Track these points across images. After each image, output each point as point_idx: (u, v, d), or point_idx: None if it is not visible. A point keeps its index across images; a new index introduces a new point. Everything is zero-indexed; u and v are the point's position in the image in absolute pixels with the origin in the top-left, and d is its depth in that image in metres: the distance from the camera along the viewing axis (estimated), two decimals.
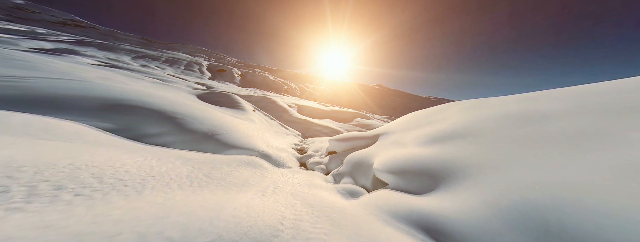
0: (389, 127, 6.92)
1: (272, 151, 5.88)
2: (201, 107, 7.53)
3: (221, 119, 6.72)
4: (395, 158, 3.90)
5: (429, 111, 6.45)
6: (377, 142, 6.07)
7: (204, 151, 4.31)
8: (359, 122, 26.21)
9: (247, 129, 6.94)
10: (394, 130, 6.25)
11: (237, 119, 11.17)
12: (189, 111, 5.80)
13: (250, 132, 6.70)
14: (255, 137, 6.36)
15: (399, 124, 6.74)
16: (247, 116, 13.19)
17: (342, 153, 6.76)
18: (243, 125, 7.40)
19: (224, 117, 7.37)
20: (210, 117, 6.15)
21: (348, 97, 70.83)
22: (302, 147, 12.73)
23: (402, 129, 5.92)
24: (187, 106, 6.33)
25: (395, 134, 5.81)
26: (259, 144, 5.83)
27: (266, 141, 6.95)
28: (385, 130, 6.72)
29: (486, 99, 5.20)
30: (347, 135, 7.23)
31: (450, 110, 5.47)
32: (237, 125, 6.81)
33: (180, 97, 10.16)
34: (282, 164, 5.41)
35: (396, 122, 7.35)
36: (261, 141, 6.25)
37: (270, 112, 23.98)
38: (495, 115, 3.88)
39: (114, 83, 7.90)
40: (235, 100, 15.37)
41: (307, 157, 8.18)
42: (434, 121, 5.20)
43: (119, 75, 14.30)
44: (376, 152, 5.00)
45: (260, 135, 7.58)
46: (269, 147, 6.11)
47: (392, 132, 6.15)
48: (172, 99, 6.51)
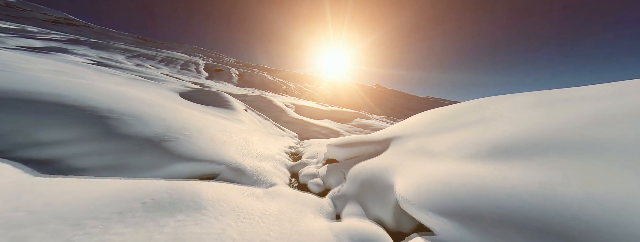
0: (401, 129, 5.37)
1: (250, 161, 4.29)
2: (165, 105, 5.93)
3: (187, 119, 5.12)
4: (437, 180, 2.37)
5: (459, 108, 4.89)
6: (390, 149, 4.55)
7: (129, 167, 2.75)
8: (359, 123, 24.68)
9: (222, 132, 5.34)
10: (411, 132, 4.72)
11: (221, 119, 9.54)
12: (137, 109, 4.20)
13: (224, 136, 5.10)
14: (230, 143, 4.77)
15: (415, 124, 5.20)
16: (236, 116, 11.57)
17: (344, 162, 5.21)
18: (217, 127, 5.81)
19: (194, 116, 5.76)
20: (167, 117, 4.55)
21: (347, 97, 69.43)
22: (297, 151, 11.13)
23: (425, 132, 4.37)
24: (140, 103, 4.73)
25: (416, 138, 4.28)
26: (230, 152, 4.22)
27: (247, 147, 5.36)
28: (398, 132, 5.17)
29: (557, 92, 3.63)
30: (349, 139, 5.66)
31: (500, 106, 3.88)
32: (208, 127, 5.22)
33: (151, 95, 8.52)
34: (261, 180, 3.84)
35: (410, 122, 5.82)
36: (236, 148, 4.64)
37: (266, 112, 22.35)
38: (591, 116, 2.35)
39: (58, 76, 6.28)
40: (224, 99, 13.74)
41: (301, 165, 6.60)
42: (475, 121, 3.67)
43: (90, 70, 12.62)
44: (393, 164, 3.48)
45: (242, 139, 5.99)
46: (246, 156, 4.52)
47: (409, 135, 4.63)
48: (123, 95, 4.92)
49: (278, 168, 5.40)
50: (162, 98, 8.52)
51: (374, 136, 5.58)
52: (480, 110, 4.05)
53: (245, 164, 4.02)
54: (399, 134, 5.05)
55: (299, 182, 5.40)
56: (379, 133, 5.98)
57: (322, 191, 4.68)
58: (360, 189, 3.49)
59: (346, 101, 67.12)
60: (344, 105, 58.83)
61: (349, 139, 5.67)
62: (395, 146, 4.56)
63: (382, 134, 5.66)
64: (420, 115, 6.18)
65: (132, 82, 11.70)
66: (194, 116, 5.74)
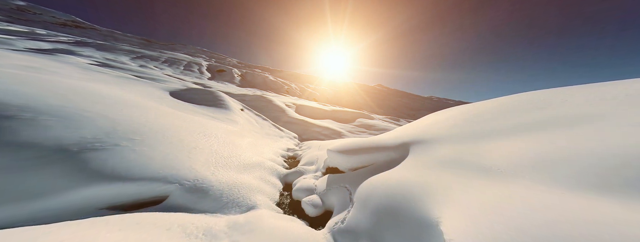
0: (420, 130, 4.14)
1: (223, 174, 3.10)
2: (132, 103, 4.79)
3: (151, 119, 3.96)
4: (519, 225, 1.22)
5: (510, 103, 3.57)
6: (411, 158, 3.34)
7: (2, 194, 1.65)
8: (362, 123, 23.41)
9: (198, 134, 4.16)
10: (438, 136, 3.50)
11: (210, 119, 8.41)
12: (76, 106, 3.07)
13: (198, 140, 3.90)
14: (201, 150, 3.58)
15: (440, 125, 3.96)
16: (229, 116, 10.45)
17: (348, 174, 4.01)
18: (195, 128, 4.65)
19: (167, 116, 4.57)
20: (119, 117, 3.40)
21: (348, 97, 68.13)
22: (296, 154, 9.93)
23: (461, 135, 3.14)
24: (86, 100, 3.60)
25: (449, 143, 3.06)
26: (196, 162, 3.03)
27: (228, 153, 4.17)
28: (417, 135, 3.95)
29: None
30: (355, 144, 4.45)
31: (583, 99, 2.56)
32: (181, 128, 4.04)
33: (126, 92, 7.41)
34: (234, 201, 2.66)
35: (429, 122, 4.58)
36: (209, 156, 3.45)
37: (266, 112, 21.23)
38: None
39: (20, 70, 5.22)
40: (218, 98, 12.64)
41: (296, 174, 5.40)
42: (550, 121, 2.41)
43: (75, 68, 11.64)
44: (424, 183, 2.28)
45: (225, 143, 4.81)
46: (221, 167, 3.33)
47: (436, 139, 3.41)
48: (74, 91, 3.82)
49: (266, 179, 4.21)
50: (142, 96, 7.43)
51: (385, 140, 4.35)
52: (553, 105, 2.77)
53: (212, 180, 2.83)
54: (418, 137, 3.82)
55: (292, 198, 4.21)
56: (390, 136, 4.75)
57: (321, 214, 3.48)
58: (375, 220, 2.30)
59: (347, 101, 65.90)
60: (345, 105, 57.61)
61: (355, 143, 4.45)
62: (417, 153, 3.34)
63: (395, 137, 4.43)
64: (443, 113, 4.92)
65: (118, 80, 10.68)
66: (165, 116, 4.60)
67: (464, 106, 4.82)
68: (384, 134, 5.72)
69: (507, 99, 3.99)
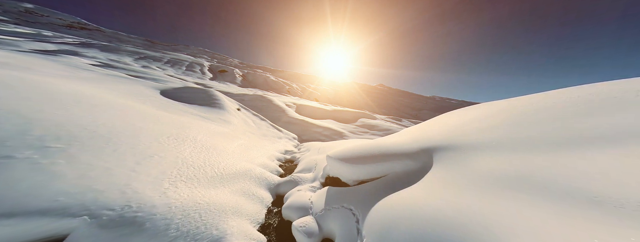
0: (445, 133, 3.20)
1: (176, 196, 2.15)
2: (95, 99, 3.92)
3: (98, 120, 3.06)
4: None
5: (568, 98, 2.63)
6: (438, 170, 2.42)
7: None
8: (364, 123, 22.43)
9: (157, 139, 3.19)
10: (474, 140, 2.55)
11: (197, 119, 7.54)
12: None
13: (153, 148, 2.90)
14: (155, 161, 2.60)
15: (472, 126, 3.01)
16: (222, 116, 9.59)
17: (354, 188, 3.09)
18: (167, 131, 3.75)
19: (122, 118, 3.62)
20: (41, 116, 2.51)
21: (348, 97, 67.09)
22: (293, 157, 9.02)
23: (516, 141, 2.19)
24: (25, 94, 2.75)
25: (497, 152, 2.13)
26: (137, 180, 2.05)
27: (202, 161, 3.26)
28: (442, 140, 3.00)
29: None
30: (360, 150, 3.52)
31: None
32: (136, 132, 3.10)
33: (107, 91, 6.57)
34: (187, 235, 1.79)
35: (452, 122, 3.63)
36: (165, 169, 2.51)
37: (265, 112, 20.38)
38: None
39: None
40: (212, 97, 11.80)
41: (290, 184, 4.49)
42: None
43: (56, 64, 10.89)
44: (493, 219, 1.40)
45: (202, 148, 3.90)
46: (182, 181, 2.41)
47: (471, 144, 2.47)
48: (7, 84, 2.98)
49: (251, 193, 3.31)
50: (122, 95, 6.57)
51: (398, 145, 3.41)
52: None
53: (157, 204, 1.90)
54: (445, 141, 2.89)
55: (282, 217, 3.30)
56: (404, 139, 3.82)
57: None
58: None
59: (347, 101, 64.95)
60: (345, 105, 56.64)
61: (361, 148, 3.52)
62: (448, 164, 2.42)
63: (412, 140, 3.49)
64: (468, 112, 3.96)
65: (104, 78, 9.88)
66: (133, 116, 3.73)
67: (492, 104, 3.87)
68: (393, 136, 4.78)
69: (558, 94, 3.02)
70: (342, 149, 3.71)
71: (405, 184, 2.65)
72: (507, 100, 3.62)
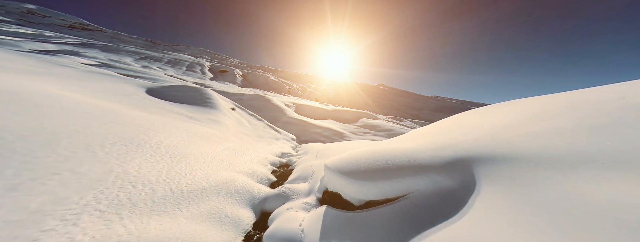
0: (486, 138, 2.35)
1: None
2: (43, 94, 3.10)
3: (14, 121, 2.24)
4: None
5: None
6: (497, 194, 1.59)
7: None
8: (366, 123, 21.54)
9: (100, 146, 2.27)
10: (542, 146, 1.73)
11: (182, 120, 6.70)
12: None
13: (72, 160, 1.94)
14: (61, 182, 1.79)
15: (529, 129, 2.18)
16: (213, 116, 8.75)
17: (362, 214, 2.25)
18: (112, 134, 2.80)
19: (55, 121, 2.72)
20: None
21: (349, 97, 66.18)
22: (289, 161, 8.15)
23: (620, 152, 1.39)
24: None
25: (589, 165, 1.35)
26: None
27: (150, 178, 2.36)
28: (485, 146, 2.15)
29: None
30: (368, 159, 2.64)
31: None
32: (60, 136, 2.24)
33: (74, 89, 5.73)
34: None
35: (503, 123, 2.76)
36: (62, 193, 1.59)
37: (264, 112, 19.54)
38: None
39: None
40: (205, 96, 10.96)
41: (279, 199, 3.63)
42: None
43: (32, 60, 10.10)
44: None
45: (160, 157, 3.00)
46: (97, 211, 1.61)
47: (546, 158, 1.66)
48: None
49: (223, 215, 2.46)
50: (93, 92, 5.74)
51: (415, 153, 2.55)
52: None
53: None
54: (486, 149, 2.03)
55: None
56: (419, 144, 2.96)
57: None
58: None
59: (347, 101, 64.11)
60: (345, 105, 55.79)
61: (366, 158, 2.65)
62: (506, 185, 1.57)
63: (431, 146, 2.63)
64: (506, 108, 3.08)
65: (84, 75, 9.07)
66: (76, 116, 2.90)
67: (541, 100, 3.01)
68: (403, 140, 3.90)
69: (623, 88, 2.16)
70: (343, 158, 2.84)
71: (438, 212, 1.79)
72: (567, 94, 2.75)
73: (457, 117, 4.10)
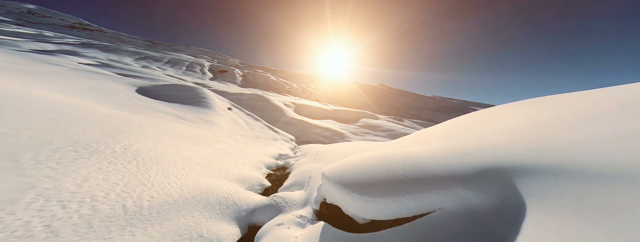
0: (529, 142, 1.89)
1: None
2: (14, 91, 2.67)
3: None
4: None
5: None
6: (561, 221, 1.15)
7: None
8: (366, 123, 21.05)
9: (12, 156, 1.82)
10: (603, 155, 1.31)
11: (165, 120, 6.22)
12: None
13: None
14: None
15: (586, 128, 1.72)
16: (206, 116, 8.28)
17: (370, 237, 1.79)
18: (63, 138, 2.38)
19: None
20: None
21: (349, 97, 65.67)
22: (286, 163, 7.68)
23: None
24: None
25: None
26: None
27: (97, 195, 1.95)
28: (528, 153, 1.70)
29: None
30: (374, 167, 2.17)
31: None
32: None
33: (38, 86, 5.26)
34: None
35: (533, 121, 2.29)
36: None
37: (263, 112, 19.07)
38: None
39: None
40: (199, 95, 10.49)
41: (270, 210, 3.15)
42: None
43: (17, 57, 9.63)
44: None
45: (121, 166, 2.50)
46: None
47: (596, 167, 1.22)
48: None
49: (196, 234, 2.01)
50: (72, 91, 5.27)
51: (432, 160, 2.07)
52: None
53: None
54: (530, 157, 1.57)
55: None
56: (433, 147, 2.49)
57: None
58: None
59: (347, 101, 63.63)
60: (345, 105, 55.32)
61: (371, 165, 2.17)
62: (562, 206, 1.13)
63: (450, 150, 2.16)
64: (544, 105, 2.60)
65: (71, 73, 8.61)
66: (18, 117, 2.44)
67: (587, 95, 2.53)
68: (411, 141, 3.42)
69: None
70: (344, 166, 2.36)
71: (472, 240, 1.30)
72: (620, 88, 2.27)
73: (474, 115, 3.61)
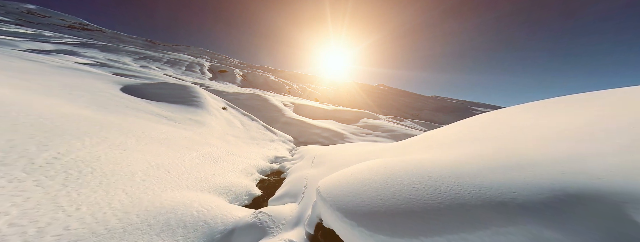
0: (604, 152, 1.33)
1: None
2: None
3: None
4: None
5: None
6: None
7: None
8: (367, 123, 20.44)
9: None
10: None
11: (142, 120, 5.63)
12: None
13: None
14: None
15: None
16: (195, 116, 7.69)
17: None
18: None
19: None
20: None
21: (349, 97, 65.08)
22: (282, 167, 7.07)
23: None
24: None
25: None
26: None
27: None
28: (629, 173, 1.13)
29: None
30: (391, 185, 1.56)
31: None
32: None
33: (28, 85, 4.67)
34: None
35: (600, 124, 1.72)
36: None
37: (261, 112, 18.46)
38: None
39: None
40: (191, 95, 9.90)
41: (252, 232, 2.56)
42: None
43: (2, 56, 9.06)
44: None
45: (10, 184, 2.01)
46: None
47: None
48: None
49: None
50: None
51: (469, 178, 1.48)
52: None
53: None
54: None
55: None
56: (474, 157, 1.89)
57: None
58: None
59: (347, 101, 63.05)
60: (345, 105, 54.71)
61: (383, 185, 1.57)
62: None
63: (503, 162, 1.57)
64: (625, 99, 2.02)
65: (54, 70, 8.03)
66: None
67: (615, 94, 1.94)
68: (425, 144, 2.81)
69: None
70: (346, 179, 1.75)
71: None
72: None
73: (485, 118, 2.99)
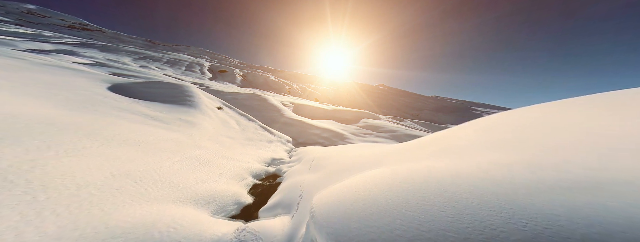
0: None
1: None
2: None
3: None
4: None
5: None
6: None
7: None
8: (367, 123, 20.03)
9: None
10: None
11: (125, 121, 5.23)
12: None
13: None
14: None
15: None
16: (187, 116, 7.28)
17: None
18: None
19: None
20: None
21: (349, 97, 64.66)
22: (278, 170, 6.65)
23: None
24: None
25: None
26: None
27: None
28: None
29: None
30: (414, 200, 1.16)
31: None
32: None
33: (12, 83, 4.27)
34: None
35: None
36: None
37: (260, 112, 18.03)
38: None
39: None
40: (185, 94, 9.49)
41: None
42: None
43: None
44: None
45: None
46: None
47: None
48: None
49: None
50: (36, 87, 4.31)
51: (527, 200, 1.09)
52: None
53: None
54: None
55: None
56: (494, 160, 1.48)
57: None
58: None
59: (347, 101, 62.60)
60: (345, 105, 54.27)
61: (397, 203, 1.18)
62: None
63: (528, 176, 1.18)
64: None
65: (44, 69, 7.65)
66: None
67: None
68: (431, 146, 2.39)
69: None
70: (346, 198, 1.35)
71: None
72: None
73: (538, 112, 2.56)
